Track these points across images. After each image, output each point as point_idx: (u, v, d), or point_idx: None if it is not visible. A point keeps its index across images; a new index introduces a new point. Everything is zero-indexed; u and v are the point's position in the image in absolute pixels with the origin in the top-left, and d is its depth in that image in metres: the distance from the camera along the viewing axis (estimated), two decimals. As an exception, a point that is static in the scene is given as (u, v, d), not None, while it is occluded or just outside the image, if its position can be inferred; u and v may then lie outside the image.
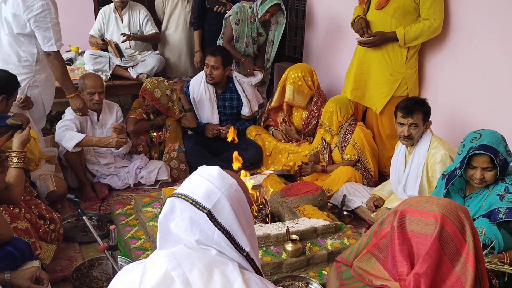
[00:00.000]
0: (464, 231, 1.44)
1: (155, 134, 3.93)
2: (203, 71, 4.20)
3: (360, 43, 3.47)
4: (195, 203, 1.23)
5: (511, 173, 2.38)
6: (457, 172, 2.39)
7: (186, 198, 1.24)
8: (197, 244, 1.23)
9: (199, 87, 4.12)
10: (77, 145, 3.28)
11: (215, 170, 1.30)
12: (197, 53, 4.72)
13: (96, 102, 3.46)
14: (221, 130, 4.05)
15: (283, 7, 4.36)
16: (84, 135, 3.32)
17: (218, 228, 1.23)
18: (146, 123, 3.91)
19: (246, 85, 4.23)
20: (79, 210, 2.18)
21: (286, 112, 4.14)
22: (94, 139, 3.38)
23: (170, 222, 1.27)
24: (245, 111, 4.21)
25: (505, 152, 2.30)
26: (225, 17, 4.39)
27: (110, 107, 3.68)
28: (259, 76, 4.37)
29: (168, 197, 1.30)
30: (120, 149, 3.49)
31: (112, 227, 2.14)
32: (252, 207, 1.44)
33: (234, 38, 4.36)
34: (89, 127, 3.54)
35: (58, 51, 3.26)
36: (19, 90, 3.14)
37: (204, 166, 1.35)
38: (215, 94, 4.14)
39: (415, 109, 2.89)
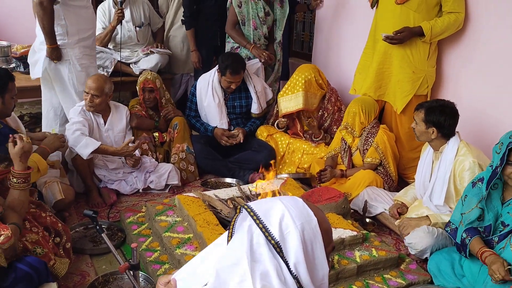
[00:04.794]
0: None
1: (157, 134, 3.74)
2: (209, 73, 3.99)
3: (387, 39, 3.30)
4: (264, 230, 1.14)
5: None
6: (498, 169, 2.25)
7: (258, 221, 1.15)
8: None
9: (207, 92, 3.92)
10: (92, 152, 3.09)
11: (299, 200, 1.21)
12: (194, 53, 4.47)
13: (89, 104, 3.25)
14: (234, 140, 3.87)
15: None
16: (100, 143, 3.13)
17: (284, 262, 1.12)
18: (149, 120, 3.73)
19: (256, 80, 4.05)
20: (98, 228, 2.00)
21: (296, 114, 3.98)
22: (110, 149, 3.20)
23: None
24: (254, 108, 4.03)
25: None
26: (227, 6, 4.17)
27: (118, 110, 3.48)
28: (258, 64, 4.16)
29: (243, 207, 1.20)
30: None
31: (133, 245, 1.97)
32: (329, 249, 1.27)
33: (240, 21, 4.12)
34: (96, 130, 3.33)
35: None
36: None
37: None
38: (223, 97, 3.95)
39: (420, 107, 2.84)
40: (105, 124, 3.38)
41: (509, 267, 2.14)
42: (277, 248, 1.12)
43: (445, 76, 3.56)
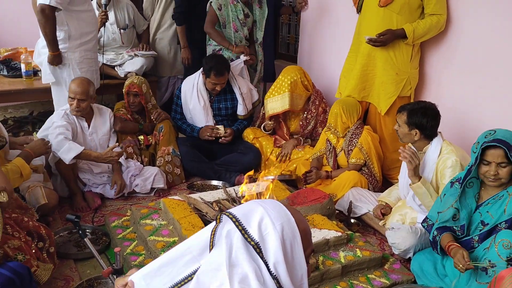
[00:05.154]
0: None
1: (142, 137, 3.73)
2: (194, 75, 3.99)
3: (370, 41, 3.34)
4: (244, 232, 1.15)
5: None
6: (472, 168, 2.32)
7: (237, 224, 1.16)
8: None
9: (192, 94, 3.91)
10: (74, 157, 3.06)
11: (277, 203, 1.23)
12: (184, 50, 4.48)
13: (75, 109, 3.23)
14: (218, 133, 3.86)
15: None
16: (83, 148, 3.11)
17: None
18: (133, 123, 3.71)
19: (241, 82, 4.06)
20: (80, 232, 1.99)
21: (282, 116, 4.00)
22: (93, 154, 3.17)
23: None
24: (240, 109, 4.04)
25: None
26: (207, 9, 4.18)
27: (102, 113, 3.46)
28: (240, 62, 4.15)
29: (222, 214, 1.21)
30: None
31: (117, 249, 1.96)
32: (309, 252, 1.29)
33: (221, 24, 4.13)
34: (80, 134, 3.31)
35: (47, 6, 3.23)
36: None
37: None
38: (209, 99, 3.95)
39: (402, 109, 2.86)
40: (89, 128, 3.36)
41: (477, 264, 2.18)
42: (257, 249, 1.14)
43: (427, 78, 3.61)
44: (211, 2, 4.12)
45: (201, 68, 3.89)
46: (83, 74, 3.58)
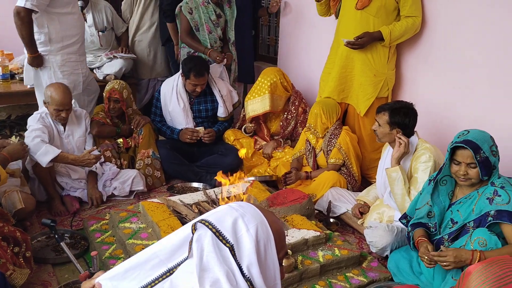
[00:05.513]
0: None
1: (121, 140, 3.70)
2: (173, 77, 3.98)
3: (348, 44, 3.38)
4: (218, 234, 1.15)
5: (501, 175, 2.35)
6: (444, 166, 2.38)
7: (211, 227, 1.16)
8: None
9: (171, 96, 3.90)
10: (51, 160, 3.03)
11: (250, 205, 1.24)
12: (177, 47, 4.45)
13: (62, 118, 3.23)
14: (200, 135, 3.86)
15: None
16: (59, 151, 3.08)
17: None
18: (110, 127, 3.68)
19: (221, 84, 4.07)
20: (57, 237, 1.97)
21: (263, 118, 4.01)
22: (70, 157, 3.13)
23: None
24: (221, 111, 4.04)
25: (489, 151, 2.26)
26: (176, 12, 4.18)
27: (77, 115, 3.43)
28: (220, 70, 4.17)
29: (196, 223, 1.20)
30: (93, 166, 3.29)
31: (93, 253, 1.96)
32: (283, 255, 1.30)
33: (193, 27, 4.13)
34: (56, 137, 3.28)
35: (22, 9, 3.24)
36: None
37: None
38: (188, 102, 3.94)
39: (383, 109, 2.90)
40: (64, 130, 3.33)
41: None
42: (232, 251, 1.14)
43: (404, 78, 3.67)
44: (181, 7, 4.11)
45: (180, 70, 3.89)
46: (65, 77, 3.57)
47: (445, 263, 2.17)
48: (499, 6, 2.92)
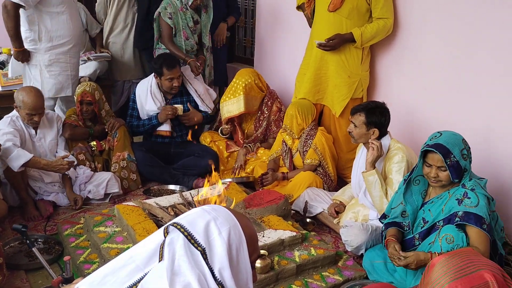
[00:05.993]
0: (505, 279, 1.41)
1: (94, 143, 3.66)
2: (147, 79, 3.95)
3: (320, 46, 3.41)
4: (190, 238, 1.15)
5: (473, 179, 2.40)
6: (416, 167, 2.43)
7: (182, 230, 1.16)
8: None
9: (146, 98, 3.87)
10: (23, 165, 2.98)
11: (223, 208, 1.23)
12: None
13: (35, 122, 3.18)
14: (178, 112, 3.84)
15: None
16: (32, 155, 3.02)
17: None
18: (83, 129, 3.64)
19: (196, 83, 4.05)
20: (28, 242, 1.94)
21: (238, 120, 4.02)
22: (42, 162, 3.07)
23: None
24: (202, 109, 4.04)
25: (460, 155, 2.31)
26: (154, 17, 4.16)
27: (49, 118, 3.38)
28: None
29: (168, 226, 1.19)
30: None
31: (66, 258, 1.93)
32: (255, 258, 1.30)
33: (173, 33, 4.13)
34: (28, 140, 3.22)
35: (10, 2, 3.32)
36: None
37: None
38: (164, 102, 3.92)
39: (358, 110, 2.91)
40: (36, 134, 3.28)
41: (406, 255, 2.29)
42: (204, 254, 1.14)
43: (378, 79, 3.73)
44: (160, 14, 4.08)
45: (153, 73, 3.87)
46: (52, 78, 3.61)
47: (408, 265, 2.25)
48: (471, 9, 2.99)
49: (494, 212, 2.41)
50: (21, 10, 3.47)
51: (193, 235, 1.15)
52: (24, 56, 3.55)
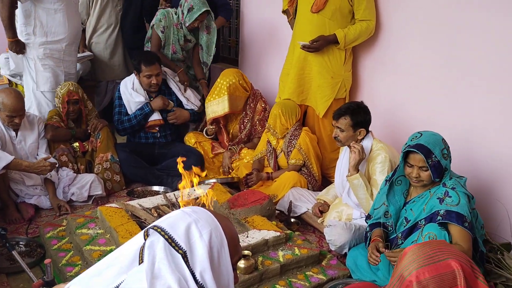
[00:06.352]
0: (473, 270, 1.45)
1: (77, 144, 3.62)
2: (129, 78, 3.93)
3: (304, 47, 3.43)
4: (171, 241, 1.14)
5: (453, 178, 2.44)
6: (398, 168, 2.45)
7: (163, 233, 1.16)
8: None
9: (130, 96, 3.84)
10: (4, 167, 2.93)
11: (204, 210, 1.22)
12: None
13: (16, 124, 3.14)
14: (170, 107, 3.87)
15: (211, 13, 4.17)
16: (13, 157, 2.97)
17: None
18: (66, 130, 3.59)
19: (180, 83, 4.05)
20: (8, 245, 1.91)
21: (223, 121, 4.02)
22: (24, 164, 3.02)
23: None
24: (188, 107, 4.02)
25: (441, 155, 2.34)
26: (150, 25, 4.17)
27: (30, 120, 3.33)
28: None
29: (147, 228, 1.18)
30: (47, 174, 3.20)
31: (47, 261, 1.90)
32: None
33: (162, 46, 4.17)
34: (8, 142, 3.17)
35: None
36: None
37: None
38: (148, 100, 3.90)
39: (342, 114, 2.91)
40: (16, 136, 3.23)
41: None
42: (185, 257, 1.13)
43: (361, 80, 3.76)
44: (153, 26, 4.10)
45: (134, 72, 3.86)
46: (46, 70, 3.69)
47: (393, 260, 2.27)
48: (451, 10, 3.03)
49: (474, 209, 2.45)
50: (18, 3, 3.54)
51: (173, 238, 1.15)
52: (18, 46, 3.60)
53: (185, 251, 1.13)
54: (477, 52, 2.91)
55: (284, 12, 3.84)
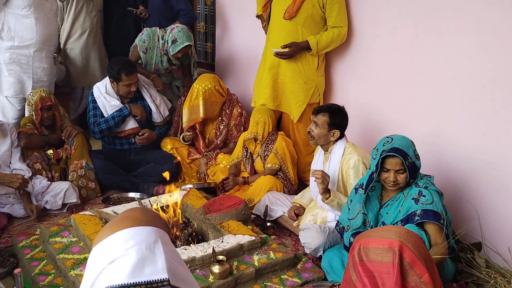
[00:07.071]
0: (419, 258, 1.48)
1: (51, 151, 3.58)
2: (101, 83, 3.90)
3: (277, 54, 3.47)
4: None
5: (423, 177, 2.51)
6: (374, 175, 2.48)
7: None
8: None
9: (105, 100, 3.82)
10: None
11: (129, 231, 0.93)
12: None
13: None
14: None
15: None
16: None
17: None
18: (39, 138, 3.55)
19: (152, 90, 4.04)
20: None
21: (200, 127, 4.02)
22: None
23: None
24: (155, 117, 4.01)
25: (414, 156, 2.43)
26: (134, 43, 4.24)
27: (3, 129, 3.28)
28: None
29: None
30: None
31: (16, 271, 1.89)
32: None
33: (142, 64, 4.20)
34: (-21, 151, 3.13)
35: None
36: None
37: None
38: (122, 105, 3.88)
39: (322, 110, 2.96)
40: (-13, 145, 3.19)
41: None
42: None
43: (333, 84, 3.82)
44: (138, 41, 4.14)
45: (107, 77, 3.83)
46: (12, 76, 3.64)
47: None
48: (421, 16, 3.10)
49: (444, 206, 2.51)
50: None
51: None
52: None
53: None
54: (443, 57, 2.99)
55: (258, 17, 3.88)
